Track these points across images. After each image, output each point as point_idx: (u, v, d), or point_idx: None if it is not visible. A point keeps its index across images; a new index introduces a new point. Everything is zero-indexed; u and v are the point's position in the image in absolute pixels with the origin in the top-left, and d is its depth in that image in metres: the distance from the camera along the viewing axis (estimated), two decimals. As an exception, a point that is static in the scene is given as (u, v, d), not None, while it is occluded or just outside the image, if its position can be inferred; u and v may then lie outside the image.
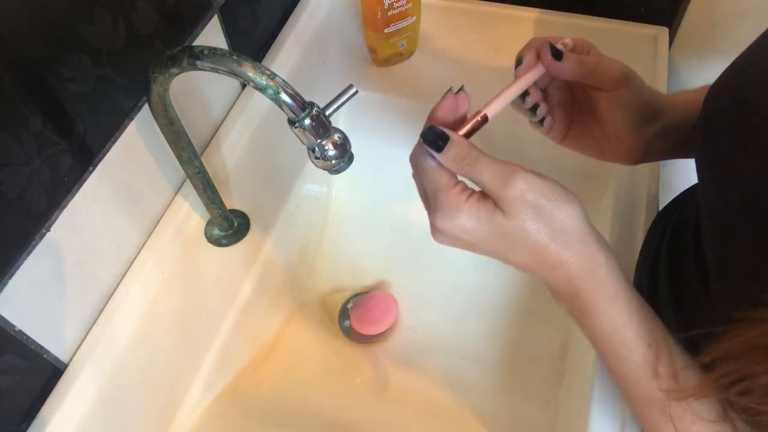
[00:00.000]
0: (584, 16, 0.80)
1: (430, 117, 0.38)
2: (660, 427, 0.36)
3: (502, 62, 0.78)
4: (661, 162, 0.68)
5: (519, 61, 0.43)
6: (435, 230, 0.37)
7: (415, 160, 0.38)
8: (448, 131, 0.36)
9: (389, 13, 0.71)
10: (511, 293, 0.77)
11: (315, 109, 0.42)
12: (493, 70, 0.76)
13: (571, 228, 0.35)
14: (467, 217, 0.35)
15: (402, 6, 0.71)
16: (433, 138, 0.35)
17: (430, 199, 0.37)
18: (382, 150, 0.77)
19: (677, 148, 0.49)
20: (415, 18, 0.74)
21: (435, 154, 0.36)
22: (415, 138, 0.38)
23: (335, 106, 0.45)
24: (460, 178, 0.37)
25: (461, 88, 0.39)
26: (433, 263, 0.78)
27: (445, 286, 0.76)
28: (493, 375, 0.69)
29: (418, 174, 0.38)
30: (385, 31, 0.73)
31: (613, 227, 0.62)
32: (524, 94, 0.44)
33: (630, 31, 0.79)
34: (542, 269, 0.36)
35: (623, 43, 0.78)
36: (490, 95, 0.40)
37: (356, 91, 0.46)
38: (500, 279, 0.78)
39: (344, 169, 0.47)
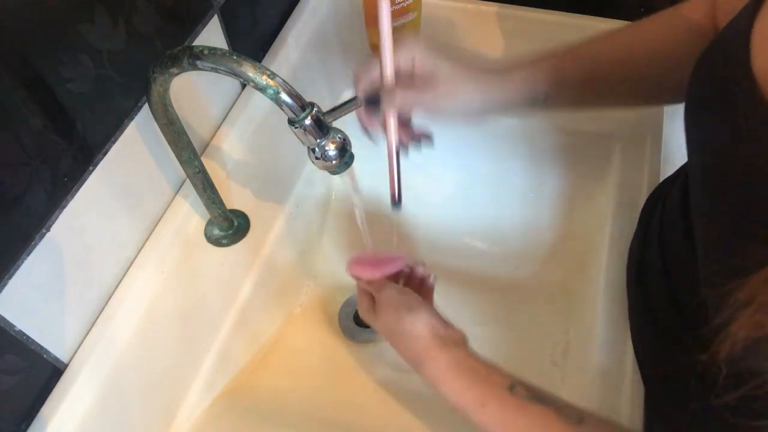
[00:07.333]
0: (583, 15, 0.80)
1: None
2: None
3: (498, 54, 0.78)
4: (663, 142, 0.69)
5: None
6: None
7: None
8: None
9: (391, 9, 0.72)
10: (512, 296, 0.77)
11: (315, 109, 0.42)
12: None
13: (408, 330, 0.52)
14: (366, 317, 0.57)
15: (403, 2, 0.72)
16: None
17: None
18: (383, 149, 0.77)
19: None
20: (416, 14, 0.75)
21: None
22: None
23: (336, 114, 0.45)
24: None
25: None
26: (432, 264, 0.78)
27: (445, 287, 0.76)
28: (493, 375, 0.69)
29: None
30: (387, 27, 0.73)
31: (616, 203, 0.64)
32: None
33: (630, 31, 0.79)
34: (398, 350, 0.54)
35: (623, 43, 0.78)
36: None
37: (360, 104, 0.46)
38: (500, 284, 0.78)
39: (344, 170, 0.47)
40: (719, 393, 0.32)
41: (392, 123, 0.49)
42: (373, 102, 0.50)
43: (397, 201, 0.52)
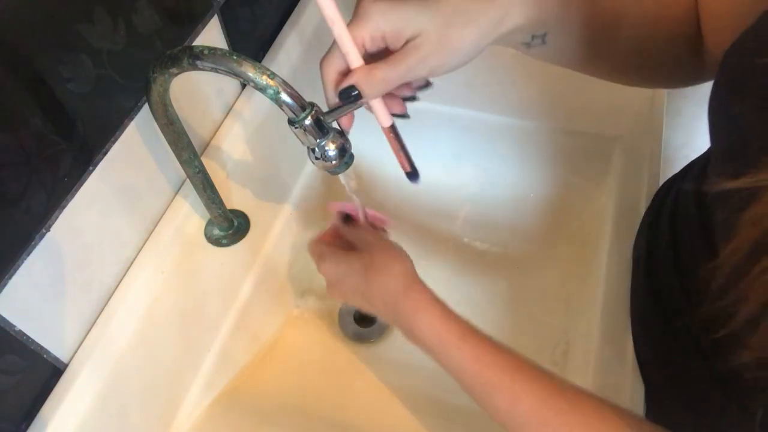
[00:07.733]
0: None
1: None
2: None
3: (499, 55, 0.78)
4: (663, 142, 0.69)
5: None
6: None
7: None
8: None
9: None
10: (511, 296, 0.77)
11: (315, 109, 0.42)
12: (491, 63, 0.76)
13: (391, 268, 0.52)
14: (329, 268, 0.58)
15: (402, 4, 0.71)
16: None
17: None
18: (383, 149, 0.77)
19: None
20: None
21: None
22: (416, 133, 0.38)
23: (336, 114, 0.45)
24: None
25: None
26: (432, 264, 0.78)
27: (444, 288, 0.76)
28: (493, 375, 0.69)
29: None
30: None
31: (616, 203, 0.64)
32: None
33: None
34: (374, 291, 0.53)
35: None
36: (487, 90, 0.40)
37: (361, 104, 0.46)
38: (499, 284, 0.78)
39: (344, 170, 0.47)
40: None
41: (378, 105, 0.45)
42: (349, 98, 0.42)
43: (412, 173, 0.50)
